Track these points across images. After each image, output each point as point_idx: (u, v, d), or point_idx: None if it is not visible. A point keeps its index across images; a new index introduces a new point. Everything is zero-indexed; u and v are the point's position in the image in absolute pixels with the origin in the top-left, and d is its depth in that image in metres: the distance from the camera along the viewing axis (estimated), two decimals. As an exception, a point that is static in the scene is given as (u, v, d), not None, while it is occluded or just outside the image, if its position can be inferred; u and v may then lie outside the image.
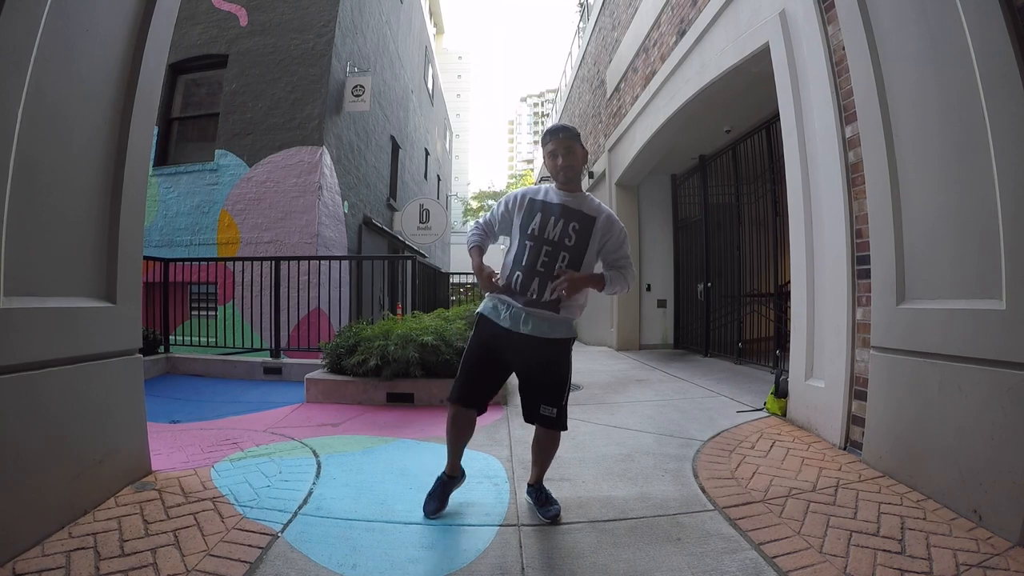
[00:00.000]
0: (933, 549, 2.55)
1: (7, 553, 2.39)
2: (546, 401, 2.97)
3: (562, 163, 3.00)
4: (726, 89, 6.88)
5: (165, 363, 7.84)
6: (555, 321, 2.97)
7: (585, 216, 2.99)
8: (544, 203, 3.02)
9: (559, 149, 3.00)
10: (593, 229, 2.99)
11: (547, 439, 3.11)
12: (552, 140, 3.03)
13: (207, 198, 11.16)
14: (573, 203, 3.01)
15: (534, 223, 2.96)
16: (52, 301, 2.78)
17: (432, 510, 3.04)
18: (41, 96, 2.65)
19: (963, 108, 2.96)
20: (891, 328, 3.58)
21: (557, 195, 3.05)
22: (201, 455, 3.99)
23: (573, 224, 2.96)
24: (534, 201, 3.04)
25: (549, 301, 2.92)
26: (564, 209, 2.99)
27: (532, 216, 2.99)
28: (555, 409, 2.97)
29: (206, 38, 11.70)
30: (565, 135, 3.04)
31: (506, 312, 2.98)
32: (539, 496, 3.14)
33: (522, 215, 3.03)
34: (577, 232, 2.95)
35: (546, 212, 2.98)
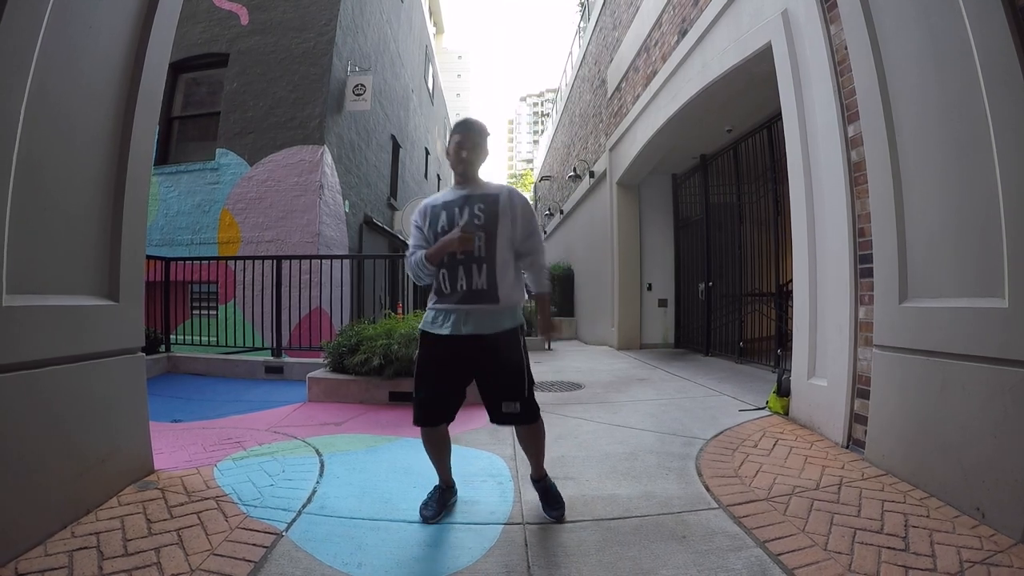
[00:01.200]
0: (936, 546, 2.55)
1: (9, 552, 2.39)
2: (507, 397, 2.93)
3: (466, 156, 3.04)
4: (728, 88, 6.87)
5: (166, 362, 7.84)
6: (497, 313, 2.95)
7: (486, 195, 3.03)
8: (445, 203, 3.06)
9: (466, 142, 3.05)
10: (499, 205, 3.00)
11: (525, 433, 3.09)
12: (464, 132, 3.08)
13: (208, 197, 11.16)
14: (472, 190, 3.06)
15: (442, 222, 2.98)
16: (55, 299, 2.78)
17: (431, 515, 3.01)
18: (44, 94, 2.65)
19: (965, 107, 2.96)
20: (894, 327, 3.58)
21: (454, 192, 3.10)
22: (204, 454, 3.99)
23: (478, 205, 2.98)
24: (435, 207, 3.07)
25: (484, 290, 2.92)
26: (465, 198, 3.02)
27: (438, 218, 3.01)
28: (517, 403, 2.92)
29: (207, 37, 11.70)
30: (477, 132, 3.10)
31: (444, 319, 2.96)
32: (545, 493, 3.12)
33: (430, 224, 3.04)
34: (483, 211, 2.97)
35: (449, 209, 3.01)
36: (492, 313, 2.93)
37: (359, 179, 13.31)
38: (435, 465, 3.19)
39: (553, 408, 5.58)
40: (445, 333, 2.92)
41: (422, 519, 2.99)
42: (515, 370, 2.96)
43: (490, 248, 2.94)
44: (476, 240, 2.88)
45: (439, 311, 2.98)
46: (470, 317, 2.91)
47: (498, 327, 2.93)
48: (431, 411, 3.00)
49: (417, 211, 3.15)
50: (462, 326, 2.90)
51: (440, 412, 3.02)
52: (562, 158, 19.83)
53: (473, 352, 2.92)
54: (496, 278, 2.93)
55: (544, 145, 27.57)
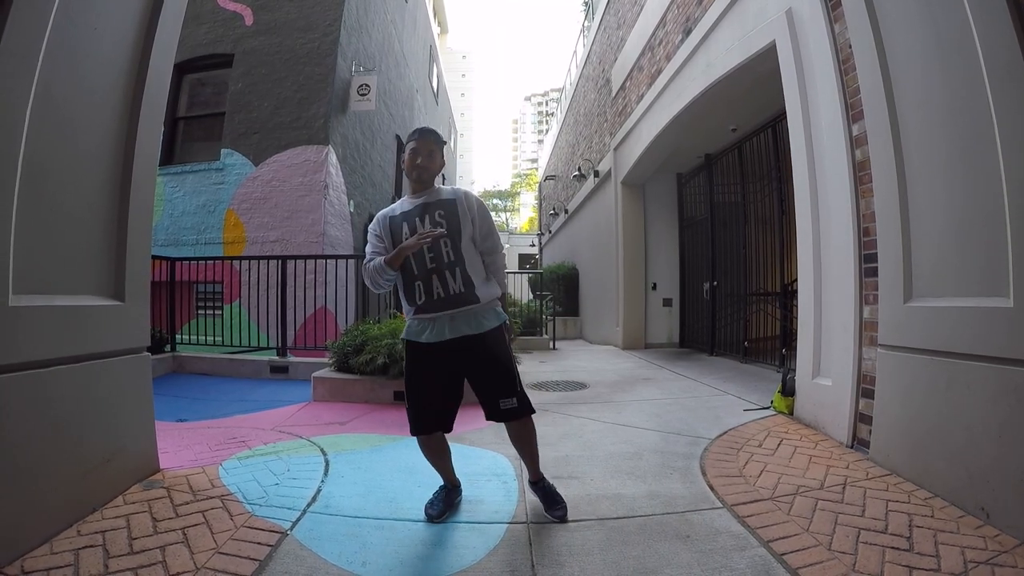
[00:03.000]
0: (941, 546, 2.55)
1: (16, 551, 2.40)
2: (502, 395, 2.95)
3: (420, 162, 3.05)
4: (732, 88, 6.87)
5: (171, 362, 7.87)
6: (479, 312, 2.97)
7: (444, 201, 3.05)
8: (403, 214, 3.05)
9: (421, 149, 3.06)
10: (457, 207, 3.03)
11: (521, 430, 3.08)
12: (419, 139, 3.08)
13: (213, 197, 11.17)
14: (429, 197, 3.07)
15: (404, 234, 2.98)
16: (61, 299, 2.80)
17: (437, 513, 3.03)
18: (49, 95, 2.66)
19: (970, 106, 2.96)
20: (899, 326, 3.58)
21: (410, 202, 3.10)
22: (209, 453, 4.00)
23: (438, 211, 3.01)
24: (394, 218, 3.07)
25: (461, 293, 2.93)
26: (423, 206, 3.04)
27: (399, 229, 3.01)
28: (514, 399, 2.95)
29: (211, 38, 11.70)
30: (431, 139, 3.11)
31: (428, 327, 2.96)
32: (545, 495, 3.12)
33: (391, 236, 3.03)
34: (444, 216, 2.99)
35: (409, 219, 3.01)
36: (475, 313, 2.96)
37: (364, 179, 13.31)
38: (437, 469, 3.22)
39: (558, 408, 5.59)
40: (432, 341, 2.94)
41: (427, 518, 3.00)
42: (505, 367, 3.00)
43: (457, 251, 2.97)
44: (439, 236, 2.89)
45: (422, 320, 2.99)
46: (455, 320, 2.93)
47: (483, 327, 2.96)
48: (425, 420, 3.02)
49: (375, 221, 3.14)
50: (447, 331, 2.92)
51: (434, 420, 3.03)
52: (567, 158, 19.83)
53: (461, 354, 2.95)
54: (471, 278, 2.97)
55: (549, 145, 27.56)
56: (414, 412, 3.03)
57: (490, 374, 2.98)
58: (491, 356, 2.97)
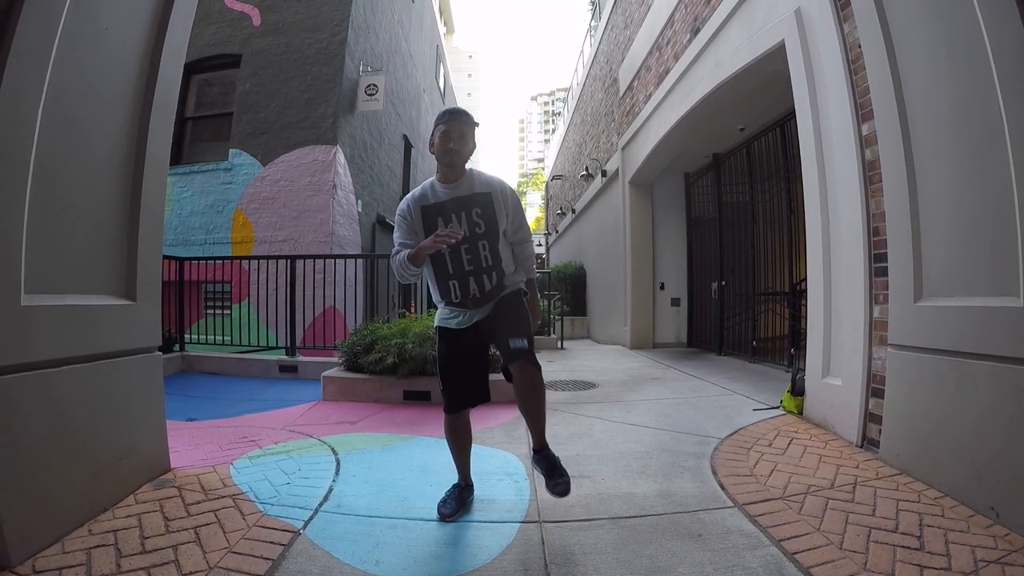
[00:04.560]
0: (951, 546, 2.55)
1: (27, 550, 2.41)
2: (512, 334, 2.89)
3: (452, 146, 2.95)
4: (740, 87, 6.86)
5: (180, 361, 7.91)
6: (503, 289, 3.05)
7: (481, 195, 3.01)
8: (436, 205, 3.00)
9: (453, 132, 2.96)
10: (494, 203, 3.01)
11: (527, 381, 2.84)
12: (450, 121, 2.99)
13: (221, 197, 11.22)
14: (463, 190, 3.01)
15: (439, 227, 2.90)
16: (72, 299, 2.81)
17: (450, 512, 3.01)
18: (60, 96, 2.67)
19: (980, 105, 2.94)
20: (908, 326, 3.57)
21: (443, 190, 3.02)
22: (219, 452, 4.01)
23: (475, 210, 2.97)
24: (427, 208, 3.01)
25: (493, 289, 2.99)
26: (459, 200, 2.98)
27: (433, 223, 2.95)
28: (523, 339, 2.89)
29: (219, 38, 11.75)
30: (463, 120, 3.02)
31: (460, 316, 3.04)
32: (548, 465, 2.93)
33: (424, 228, 2.99)
34: (482, 215, 2.97)
35: (445, 213, 2.96)
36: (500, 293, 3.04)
37: (372, 179, 13.35)
38: (457, 461, 3.22)
39: (567, 407, 5.59)
40: (464, 327, 3.02)
41: (440, 516, 2.99)
42: (518, 311, 3.05)
43: (495, 252, 3.00)
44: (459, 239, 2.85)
45: (454, 309, 3.05)
46: (484, 308, 3.02)
47: (503, 293, 3.04)
48: (460, 396, 3.10)
49: (406, 205, 3.07)
50: (476, 316, 3.01)
51: (469, 395, 3.11)
52: (574, 157, 19.81)
53: (486, 323, 3.01)
54: (504, 276, 3.03)
55: (555, 144, 27.54)
56: (449, 391, 3.09)
57: (506, 319, 2.99)
58: (506, 307, 3.03)
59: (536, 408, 2.94)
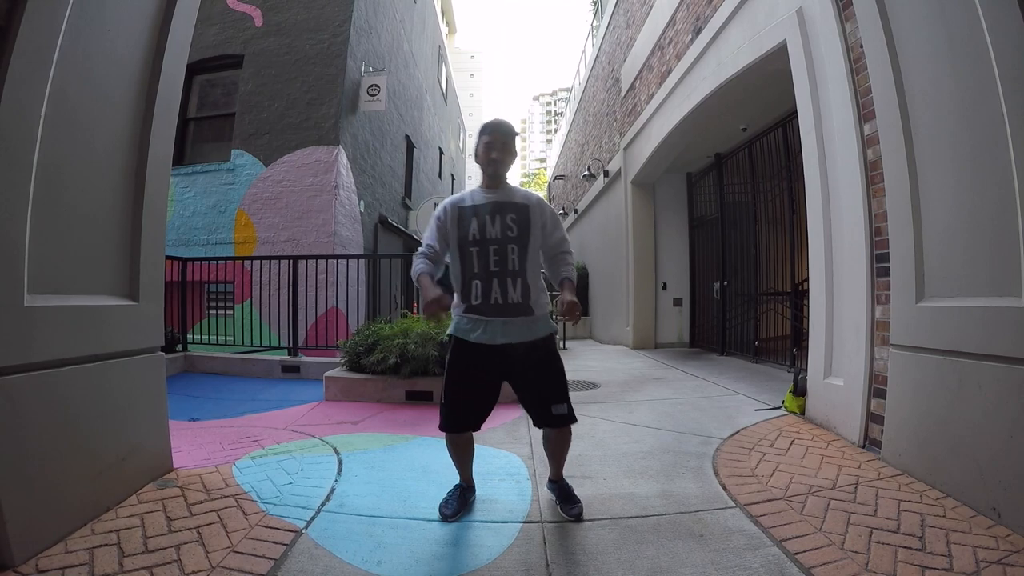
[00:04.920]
0: (953, 546, 2.55)
1: (31, 550, 2.42)
2: (555, 400, 2.97)
3: (495, 156, 3.01)
4: (742, 87, 6.86)
5: (183, 361, 7.92)
6: (533, 322, 2.97)
7: (518, 205, 3.01)
8: (474, 207, 3.01)
9: (496, 143, 3.02)
10: (530, 215, 3.00)
11: (563, 436, 3.09)
12: (493, 133, 3.05)
13: (224, 197, 11.23)
14: (501, 197, 3.02)
15: (472, 229, 2.94)
16: (75, 299, 2.81)
17: (451, 512, 3.01)
18: (63, 97, 2.68)
19: (982, 105, 2.95)
20: (910, 326, 3.57)
21: (483, 195, 3.05)
22: (222, 452, 4.02)
23: (510, 216, 2.96)
24: (463, 208, 3.02)
25: (519, 303, 2.93)
26: (496, 205, 2.99)
27: (467, 223, 2.97)
28: (565, 405, 2.97)
29: (221, 39, 11.76)
30: (505, 131, 3.08)
31: (479, 328, 2.94)
32: (561, 493, 3.13)
33: (457, 226, 3.00)
34: (516, 222, 2.96)
35: (479, 215, 2.97)
36: (528, 323, 2.96)
37: (374, 179, 13.35)
38: (457, 467, 3.21)
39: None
40: (482, 342, 2.92)
41: (442, 517, 2.99)
42: (558, 374, 3.02)
43: (523, 260, 2.95)
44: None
45: (472, 319, 2.96)
46: (507, 328, 2.91)
47: (536, 334, 2.97)
48: (459, 418, 3.03)
49: (443, 207, 3.09)
50: (499, 336, 2.90)
51: (468, 419, 3.04)
52: (576, 157, 19.80)
53: (508, 360, 2.94)
54: (530, 289, 2.96)
55: (558, 144, 27.53)
56: (450, 409, 3.01)
57: (544, 378, 2.99)
58: (545, 361, 3.00)
59: (563, 452, 3.19)
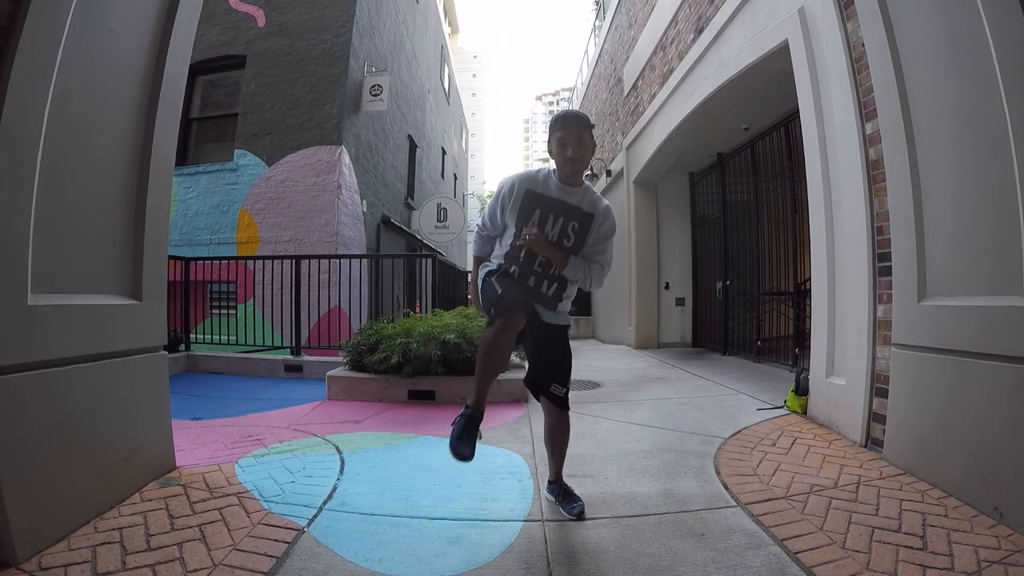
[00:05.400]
0: (954, 546, 2.54)
1: (33, 547, 2.42)
2: (558, 380, 3.03)
3: (571, 155, 2.83)
4: (744, 86, 6.86)
5: (186, 361, 7.92)
6: (555, 312, 3.03)
7: (585, 214, 2.90)
8: (543, 197, 2.88)
9: (569, 139, 2.83)
10: (591, 226, 2.91)
11: (558, 423, 3.12)
12: (563, 128, 2.86)
13: (226, 197, 11.26)
14: (574, 199, 2.90)
15: (533, 219, 2.86)
16: (78, 299, 2.81)
17: (468, 454, 2.69)
18: (66, 98, 2.67)
19: (983, 104, 2.94)
20: (912, 325, 3.56)
21: (557, 188, 2.90)
22: (225, 451, 4.03)
23: (573, 224, 2.88)
24: (532, 193, 2.88)
25: (548, 297, 2.96)
26: (564, 206, 2.88)
27: (530, 210, 2.87)
28: (564, 389, 3.03)
29: (224, 39, 11.78)
30: (578, 124, 2.87)
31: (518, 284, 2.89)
32: (562, 493, 3.13)
33: (519, 207, 2.88)
34: (576, 231, 2.89)
35: (545, 208, 2.86)
36: (551, 311, 3.03)
37: (376, 179, 13.37)
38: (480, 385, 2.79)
39: (572, 406, 5.52)
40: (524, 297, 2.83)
41: (459, 457, 2.69)
42: (568, 359, 3.12)
43: None
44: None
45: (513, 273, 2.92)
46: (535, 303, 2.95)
47: (557, 321, 3.05)
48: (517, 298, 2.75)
49: (512, 182, 2.94)
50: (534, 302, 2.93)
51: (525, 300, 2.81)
52: (578, 157, 19.76)
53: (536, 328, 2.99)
54: (563, 293, 2.99)
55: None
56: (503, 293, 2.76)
57: (554, 358, 3.06)
58: (559, 343, 3.07)
59: (562, 446, 3.21)
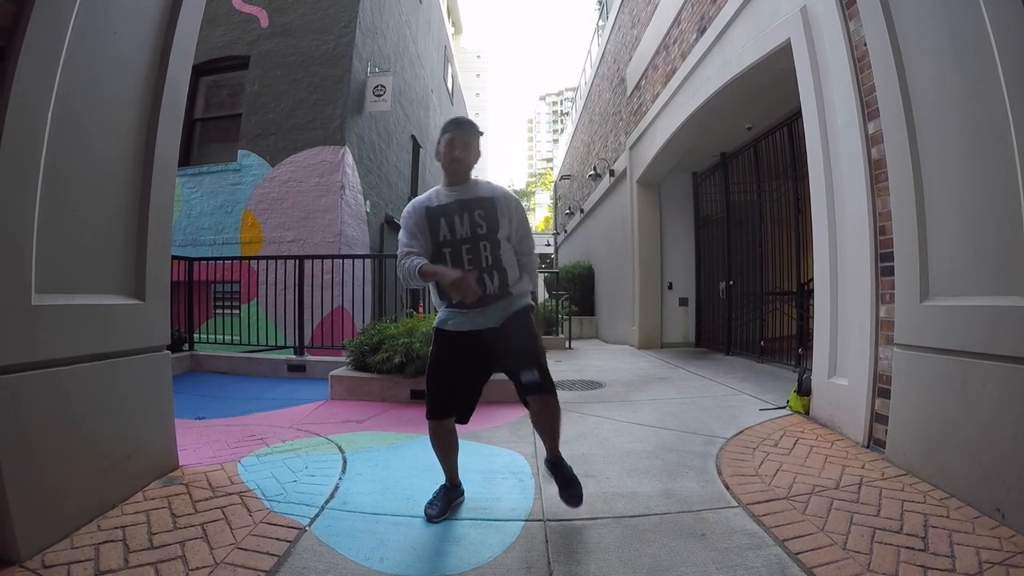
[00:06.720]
0: (956, 547, 2.54)
1: (37, 545, 2.44)
2: (524, 366, 2.89)
3: (457, 155, 3.00)
4: (747, 86, 6.85)
5: (189, 360, 7.93)
6: (508, 303, 3.01)
7: (483, 200, 3.02)
8: (441, 207, 3.01)
9: (457, 141, 3.00)
10: (496, 207, 3.01)
11: (542, 409, 2.98)
12: (455, 131, 3.03)
13: (230, 198, 11.27)
14: (465, 194, 3.03)
15: (442, 230, 2.96)
16: (81, 299, 2.83)
17: (436, 513, 2.99)
18: (70, 99, 2.70)
19: (985, 102, 2.94)
20: (915, 326, 3.56)
21: (447, 194, 3.05)
22: (227, 450, 4.04)
23: (478, 212, 2.98)
24: (431, 209, 3.02)
25: (497, 293, 2.96)
26: (460, 204, 3.00)
27: (437, 224, 2.97)
28: (535, 370, 2.87)
29: (227, 40, 11.80)
30: (468, 130, 3.05)
31: (461, 317, 2.97)
32: (561, 476, 3.07)
33: (428, 228, 2.99)
34: (484, 217, 2.97)
35: (448, 215, 2.97)
36: (504, 305, 2.98)
37: (380, 179, 13.37)
38: (442, 464, 3.20)
39: (574, 407, 5.59)
40: (463, 329, 2.95)
41: (427, 517, 2.98)
42: (530, 340, 2.98)
43: (496, 253, 2.98)
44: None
45: (453, 312, 2.99)
46: (487, 313, 2.94)
47: (511, 310, 2.99)
48: (442, 402, 3.02)
49: (411, 209, 3.07)
50: (480, 321, 2.94)
51: (451, 404, 3.04)
52: (582, 157, 19.81)
53: (490, 338, 2.95)
54: (507, 279, 3.00)
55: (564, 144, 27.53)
56: (431, 395, 3.02)
57: (512, 348, 2.96)
58: (515, 332, 2.98)
59: (552, 429, 3.07)
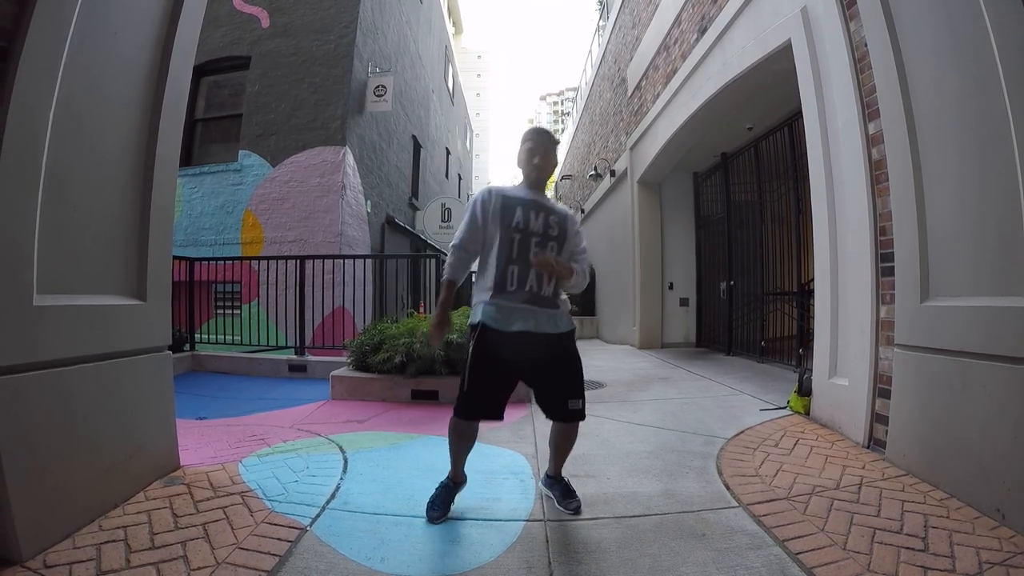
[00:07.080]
0: (956, 547, 2.54)
1: (38, 545, 2.44)
2: (572, 395, 2.99)
3: (537, 162, 3.08)
4: (748, 86, 6.85)
5: (190, 360, 7.94)
6: (557, 316, 3.01)
7: (557, 211, 3.08)
8: (519, 198, 3.03)
9: (538, 149, 3.08)
10: (567, 224, 3.08)
11: (572, 432, 3.13)
12: (536, 139, 3.11)
13: (231, 198, 11.28)
14: (543, 200, 3.08)
15: (516, 217, 2.94)
16: (83, 299, 2.83)
17: (437, 516, 2.97)
18: (71, 100, 2.69)
19: (986, 102, 2.94)
20: (915, 326, 3.56)
21: (525, 192, 3.10)
22: (228, 451, 4.05)
23: (552, 217, 3.03)
24: (508, 197, 3.03)
25: (548, 297, 2.97)
26: (540, 204, 3.04)
27: (512, 211, 2.96)
28: (581, 400, 3.01)
29: (228, 40, 11.81)
30: (548, 140, 3.14)
31: (512, 316, 2.91)
32: (560, 488, 3.18)
33: (500, 211, 2.98)
34: (558, 224, 3.02)
35: (525, 209, 2.98)
36: (553, 315, 2.99)
37: (381, 179, 13.38)
38: (454, 459, 3.14)
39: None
40: (516, 329, 2.88)
41: (428, 519, 2.97)
42: (579, 370, 3.09)
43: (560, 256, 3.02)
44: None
45: (502, 307, 2.91)
46: (535, 317, 2.93)
47: (560, 328, 3.02)
48: (480, 406, 2.99)
49: (488, 191, 3.09)
50: (530, 324, 2.91)
51: (489, 409, 3.01)
52: (583, 157, 19.79)
53: (535, 349, 2.92)
54: (559, 290, 3.04)
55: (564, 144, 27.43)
56: (470, 396, 2.94)
57: (564, 372, 3.03)
58: (567, 355, 3.03)
59: (568, 451, 3.24)
